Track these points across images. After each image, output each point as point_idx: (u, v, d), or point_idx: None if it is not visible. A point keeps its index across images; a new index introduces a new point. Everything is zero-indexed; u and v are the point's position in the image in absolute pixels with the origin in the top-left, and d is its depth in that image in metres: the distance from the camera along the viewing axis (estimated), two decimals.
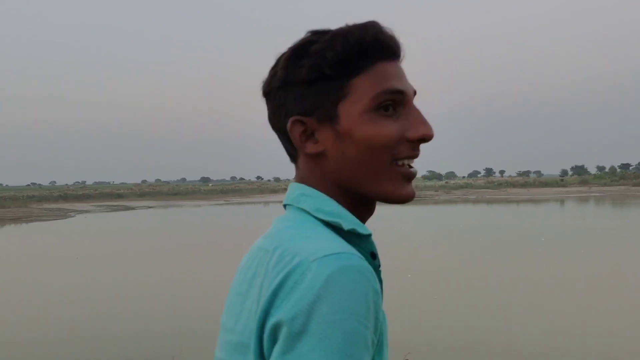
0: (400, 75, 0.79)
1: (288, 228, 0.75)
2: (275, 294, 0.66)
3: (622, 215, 30.89)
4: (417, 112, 0.79)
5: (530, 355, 6.84)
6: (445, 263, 14.01)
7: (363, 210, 0.82)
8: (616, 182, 76.75)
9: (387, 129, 0.76)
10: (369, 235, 0.77)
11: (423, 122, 0.78)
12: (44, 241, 23.81)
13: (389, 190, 0.78)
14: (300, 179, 0.82)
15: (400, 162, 0.78)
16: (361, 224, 0.78)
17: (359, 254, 0.68)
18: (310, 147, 0.79)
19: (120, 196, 70.93)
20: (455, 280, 11.63)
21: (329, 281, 0.63)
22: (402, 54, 0.82)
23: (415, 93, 0.81)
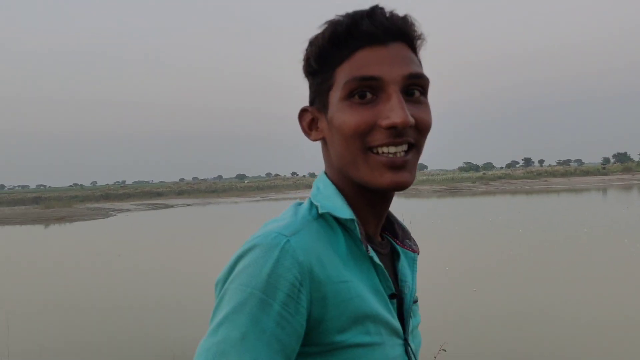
0: (385, 59, 0.76)
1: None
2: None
3: None
4: (395, 99, 0.75)
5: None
6: (481, 258, 13.79)
7: (368, 194, 0.83)
8: None
9: (354, 116, 0.76)
10: (351, 220, 0.78)
11: (395, 109, 0.74)
12: (87, 239, 24.51)
13: (368, 178, 0.78)
14: (325, 166, 0.88)
15: (377, 150, 0.77)
16: (343, 207, 0.79)
17: (286, 231, 0.73)
18: (313, 135, 0.86)
19: (159, 194, 72.30)
20: (492, 276, 11.44)
21: (238, 257, 0.74)
22: (403, 33, 0.79)
23: (412, 76, 0.77)
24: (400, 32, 0.78)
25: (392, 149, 0.76)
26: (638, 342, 6.82)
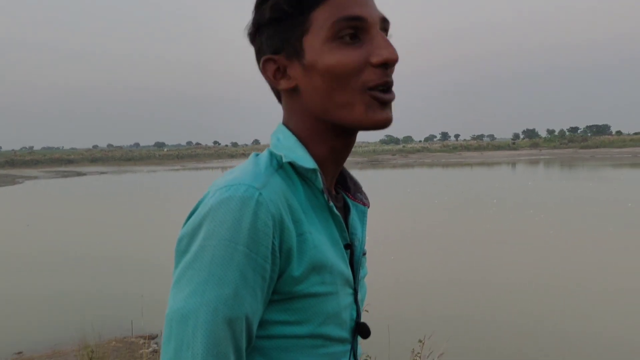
0: (363, 2, 0.79)
1: (239, 165, 0.82)
2: (187, 218, 0.76)
3: (569, 177, 32.11)
4: (381, 37, 0.78)
5: (482, 319, 7.10)
6: (398, 228, 14.27)
7: (339, 142, 0.83)
8: (565, 145, 79.50)
9: (349, 56, 0.77)
10: (314, 170, 0.79)
11: (386, 46, 0.77)
12: None
13: (362, 116, 0.78)
14: (284, 119, 0.85)
15: (369, 88, 0.78)
16: (307, 157, 0.79)
17: (256, 182, 0.73)
18: (283, 84, 0.82)
19: (70, 162, 68.73)
20: (408, 245, 11.88)
21: (210, 210, 0.71)
22: None
23: (384, 20, 0.81)
24: None
25: (388, 95, 0.79)
26: (540, 296, 7.37)
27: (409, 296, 7.98)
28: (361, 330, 0.86)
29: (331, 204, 0.81)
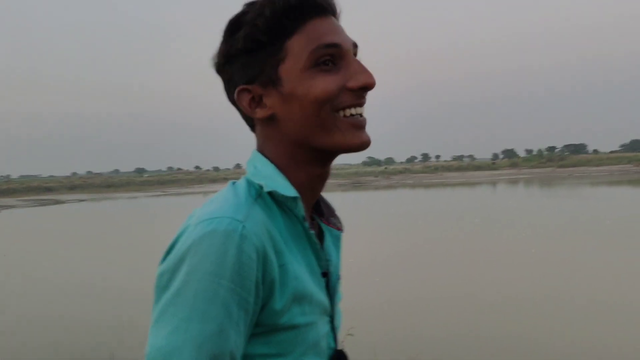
0: (335, 29, 0.81)
1: (215, 196, 0.80)
2: (167, 253, 0.74)
3: (549, 195, 32.54)
4: (357, 63, 0.81)
5: (463, 336, 7.08)
6: (382, 249, 14.26)
7: (316, 169, 0.84)
8: (543, 164, 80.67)
9: (327, 82, 0.78)
10: (295, 198, 0.78)
11: (363, 71, 0.80)
12: None
13: (341, 140, 0.80)
14: (258, 146, 0.86)
15: (344, 112, 0.80)
16: (287, 186, 0.79)
17: (239, 215, 0.72)
18: (260, 112, 0.82)
19: (48, 189, 67.69)
20: (393, 266, 11.86)
21: (192, 245, 0.69)
22: (336, 8, 0.84)
23: (355, 45, 0.83)
24: (333, 8, 0.83)
25: (359, 110, 0.81)
26: (524, 315, 7.38)
27: (395, 317, 7.93)
28: (339, 357, 0.86)
29: (311, 232, 0.81)
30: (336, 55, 0.79)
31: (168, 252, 0.74)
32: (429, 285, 9.75)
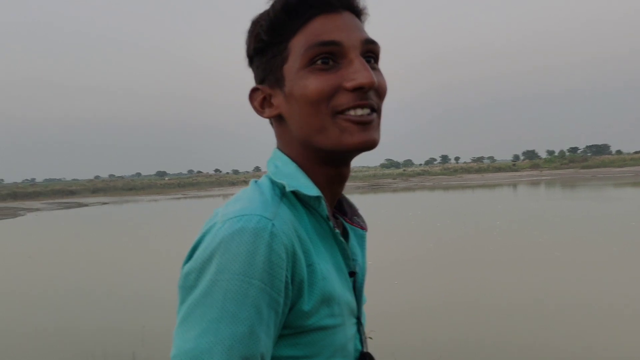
0: (342, 26, 0.77)
1: (238, 193, 0.79)
2: (192, 251, 0.72)
3: (571, 197, 32.04)
4: (358, 62, 0.76)
5: (492, 345, 7.00)
6: (402, 252, 14.18)
7: (330, 170, 0.81)
8: (565, 165, 79.48)
9: (321, 81, 0.75)
10: (318, 197, 0.76)
11: (361, 70, 0.75)
12: None
13: (338, 141, 0.76)
14: (277, 143, 0.85)
15: (344, 114, 0.76)
16: (310, 185, 0.77)
17: (267, 213, 0.70)
18: (267, 112, 0.82)
19: (72, 193, 68.77)
20: (413, 269, 11.79)
21: (221, 243, 0.67)
22: (354, 2, 0.80)
23: (368, 42, 0.79)
24: (349, 2, 0.80)
25: (359, 111, 0.76)
26: (548, 320, 7.27)
27: (415, 322, 7.88)
28: None
29: (336, 231, 0.79)
30: (337, 54, 0.76)
31: (193, 250, 0.72)
32: (448, 289, 9.66)
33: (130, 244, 18.66)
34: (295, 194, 0.77)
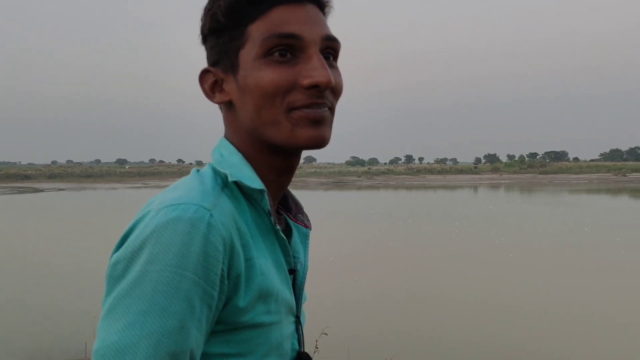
0: (304, 19, 0.74)
1: (177, 182, 0.75)
2: (123, 239, 0.68)
3: (528, 201, 32.91)
4: (317, 58, 0.73)
5: (439, 336, 7.11)
6: (362, 249, 14.28)
7: (278, 160, 0.78)
8: (524, 170, 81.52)
9: (275, 75, 0.72)
10: (261, 191, 0.73)
11: (318, 68, 0.72)
12: None
13: (289, 135, 0.73)
14: (225, 131, 0.81)
15: (300, 110, 0.73)
16: (253, 177, 0.74)
17: (206, 202, 0.66)
18: (218, 97, 0.78)
19: (27, 177, 66.55)
20: (372, 266, 11.87)
21: (154, 232, 0.63)
22: None
23: (329, 38, 0.75)
24: None
25: (316, 112, 0.74)
26: (501, 316, 7.43)
27: (371, 317, 7.93)
28: None
29: (277, 227, 0.76)
30: (295, 47, 0.73)
31: (124, 239, 0.68)
32: (406, 286, 9.77)
33: (85, 230, 18.19)
34: (237, 185, 0.74)
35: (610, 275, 10.51)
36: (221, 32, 0.75)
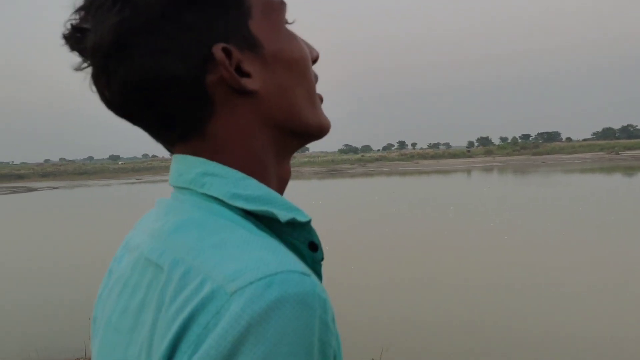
0: None
1: (186, 229, 0.52)
2: (176, 342, 0.45)
3: (522, 183, 33.06)
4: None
5: (437, 321, 7.16)
6: (358, 237, 14.33)
7: (286, 165, 0.63)
8: (517, 152, 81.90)
9: (302, 44, 0.61)
10: (309, 222, 0.56)
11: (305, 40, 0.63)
12: None
13: (319, 121, 0.62)
14: (213, 149, 0.57)
15: None
16: (298, 208, 0.56)
17: (300, 266, 0.47)
18: (251, 84, 0.56)
19: (20, 177, 66.25)
20: (369, 254, 11.93)
21: (252, 325, 0.42)
22: None
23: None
24: None
25: None
26: (495, 296, 7.50)
27: (368, 305, 7.97)
28: None
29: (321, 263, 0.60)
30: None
31: (177, 340, 0.45)
32: (400, 274, 9.82)
33: (82, 229, 18.15)
34: (256, 216, 0.54)
35: (606, 253, 10.60)
36: (210, 3, 0.54)
